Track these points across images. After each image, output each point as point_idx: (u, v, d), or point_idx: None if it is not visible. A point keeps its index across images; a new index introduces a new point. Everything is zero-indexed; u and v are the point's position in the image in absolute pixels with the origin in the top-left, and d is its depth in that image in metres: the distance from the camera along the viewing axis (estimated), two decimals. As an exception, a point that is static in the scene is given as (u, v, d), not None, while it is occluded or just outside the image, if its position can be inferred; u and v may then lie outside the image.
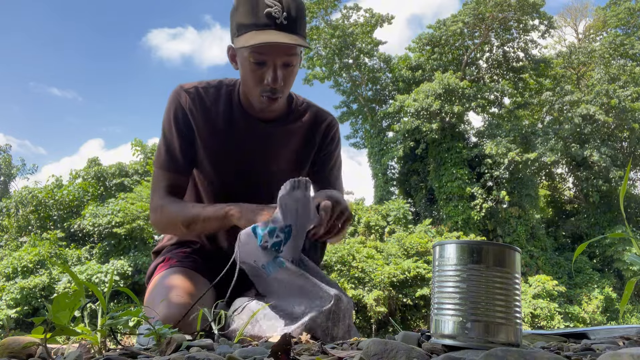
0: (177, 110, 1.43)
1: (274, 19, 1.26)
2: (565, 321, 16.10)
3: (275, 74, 1.31)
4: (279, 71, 1.31)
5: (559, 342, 0.90)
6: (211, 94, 1.46)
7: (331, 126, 1.57)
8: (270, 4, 1.26)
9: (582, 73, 22.26)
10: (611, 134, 19.94)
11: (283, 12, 1.27)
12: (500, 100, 21.57)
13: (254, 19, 1.27)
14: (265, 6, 1.26)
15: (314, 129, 1.54)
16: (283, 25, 1.27)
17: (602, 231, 19.11)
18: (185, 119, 1.43)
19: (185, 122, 1.43)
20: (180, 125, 1.43)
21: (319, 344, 0.80)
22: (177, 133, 1.43)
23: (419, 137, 19.42)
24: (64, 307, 0.76)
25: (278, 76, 1.31)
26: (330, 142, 1.57)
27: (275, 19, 1.26)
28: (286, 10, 1.27)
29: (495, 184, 19.34)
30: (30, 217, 16.70)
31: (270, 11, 1.26)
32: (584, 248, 0.97)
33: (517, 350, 0.58)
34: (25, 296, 13.39)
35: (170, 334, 0.86)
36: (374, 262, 14.88)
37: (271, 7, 1.26)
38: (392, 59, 22.28)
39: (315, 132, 1.54)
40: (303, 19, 1.33)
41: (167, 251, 1.60)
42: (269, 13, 1.26)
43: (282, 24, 1.27)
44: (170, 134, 1.43)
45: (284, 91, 1.37)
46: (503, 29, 20.63)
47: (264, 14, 1.26)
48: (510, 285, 0.77)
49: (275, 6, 1.26)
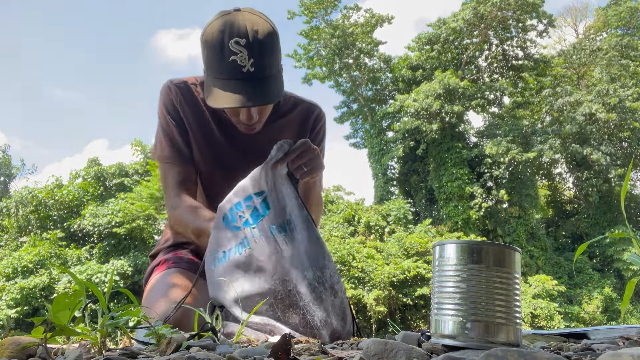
0: (169, 104, 1.43)
1: (240, 68, 1.20)
2: (565, 321, 16.09)
3: (249, 114, 1.31)
4: (253, 111, 1.31)
5: (559, 342, 0.90)
6: (199, 89, 1.45)
7: (319, 118, 1.57)
8: (235, 51, 1.19)
9: (583, 73, 22.26)
10: (611, 133, 19.94)
11: (250, 59, 1.20)
12: (500, 100, 21.57)
13: (220, 68, 1.22)
14: (230, 53, 1.20)
15: (303, 123, 1.54)
16: (249, 73, 1.21)
17: (602, 231, 19.10)
18: (177, 113, 1.43)
19: (178, 115, 1.43)
20: (175, 118, 1.43)
21: (319, 343, 0.80)
22: (174, 126, 1.43)
23: (419, 137, 19.42)
24: (64, 307, 0.76)
25: (252, 115, 1.31)
26: (316, 135, 1.57)
27: (241, 67, 1.20)
28: (252, 54, 1.20)
29: (495, 184, 19.34)
30: (30, 217, 16.70)
31: (235, 59, 1.20)
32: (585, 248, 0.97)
33: (517, 350, 0.58)
34: (25, 296, 13.38)
35: (170, 334, 0.86)
36: (374, 262, 14.88)
37: (236, 54, 1.19)
38: (392, 59, 22.28)
39: (305, 126, 1.54)
40: (273, 53, 1.26)
41: (164, 254, 1.60)
42: (234, 61, 1.20)
43: (249, 72, 1.21)
44: (169, 127, 1.43)
45: (260, 121, 1.37)
46: (502, 28, 20.63)
47: (229, 61, 1.20)
48: (510, 285, 0.77)
49: (240, 52, 1.20)
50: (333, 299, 1.14)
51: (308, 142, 1.26)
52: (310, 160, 1.27)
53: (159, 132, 1.46)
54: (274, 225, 1.16)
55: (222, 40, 1.20)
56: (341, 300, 1.16)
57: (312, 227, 1.20)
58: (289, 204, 1.20)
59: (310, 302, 1.10)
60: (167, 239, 1.62)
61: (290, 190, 1.22)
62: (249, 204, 1.17)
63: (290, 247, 1.14)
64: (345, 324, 1.14)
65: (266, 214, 1.16)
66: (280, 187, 1.21)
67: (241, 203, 1.18)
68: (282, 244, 1.14)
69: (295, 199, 1.21)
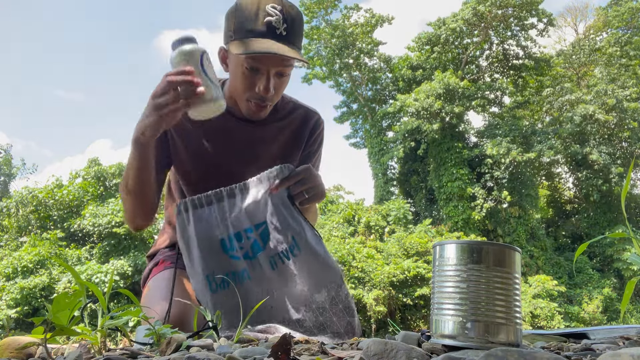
0: None
1: (274, 29, 1.23)
2: (565, 321, 16.09)
3: (268, 83, 1.29)
4: (272, 80, 1.30)
5: (559, 342, 0.90)
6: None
7: (317, 125, 1.56)
8: (271, 13, 1.23)
9: (582, 73, 22.26)
10: (611, 133, 19.95)
11: (283, 23, 1.24)
12: (500, 100, 21.58)
13: (253, 25, 1.24)
14: (266, 14, 1.23)
15: (301, 128, 1.53)
16: (282, 36, 1.24)
17: (602, 231, 19.10)
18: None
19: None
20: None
21: (319, 343, 0.80)
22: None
23: (419, 137, 19.41)
24: (64, 307, 0.76)
25: (270, 85, 1.30)
26: (313, 142, 1.56)
27: (275, 28, 1.23)
28: (286, 21, 1.25)
29: (496, 184, 19.34)
30: (30, 217, 16.70)
31: (270, 20, 1.23)
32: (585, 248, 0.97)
33: (517, 350, 0.58)
34: (25, 296, 13.38)
35: (170, 334, 0.86)
36: (374, 262, 14.88)
37: (272, 17, 1.23)
38: (392, 59, 22.29)
39: (302, 131, 1.53)
40: (301, 32, 1.31)
41: (161, 254, 1.59)
42: (269, 22, 1.23)
43: (281, 34, 1.24)
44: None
45: (273, 100, 1.36)
46: (503, 27, 20.63)
47: (263, 22, 1.23)
48: (510, 285, 0.77)
49: (276, 16, 1.24)
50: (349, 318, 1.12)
51: (310, 169, 1.27)
52: (311, 187, 1.27)
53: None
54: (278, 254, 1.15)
55: (258, 3, 1.24)
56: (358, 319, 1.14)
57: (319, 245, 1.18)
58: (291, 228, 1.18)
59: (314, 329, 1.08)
60: (165, 239, 1.62)
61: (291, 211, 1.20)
62: (250, 236, 1.16)
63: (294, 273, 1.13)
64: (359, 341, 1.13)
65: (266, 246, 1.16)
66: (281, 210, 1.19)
67: (241, 233, 1.16)
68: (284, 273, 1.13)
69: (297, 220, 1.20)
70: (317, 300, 1.12)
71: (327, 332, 1.10)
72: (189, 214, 1.21)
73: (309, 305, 1.11)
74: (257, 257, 1.14)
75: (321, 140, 1.59)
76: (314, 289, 1.13)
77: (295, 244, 1.17)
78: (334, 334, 1.11)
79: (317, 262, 1.16)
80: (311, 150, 1.56)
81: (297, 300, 1.12)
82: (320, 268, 1.15)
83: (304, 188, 1.25)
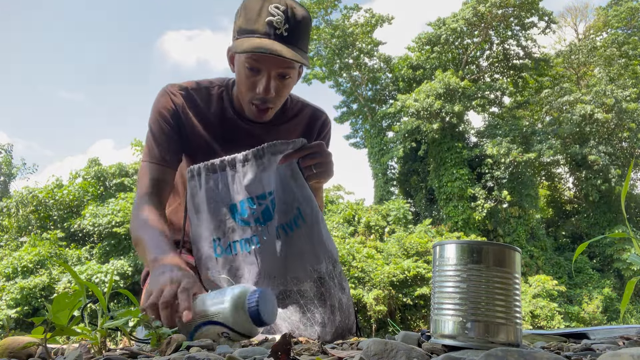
0: (167, 108, 1.41)
1: (275, 29, 1.23)
2: (565, 321, 16.09)
3: (268, 84, 1.29)
4: (273, 81, 1.29)
5: (559, 342, 0.90)
6: (202, 94, 1.44)
7: (325, 124, 1.57)
8: (273, 13, 1.23)
9: (582, 73, 22.26)
10: (611, 133, 19.95)
11: (285, 24, 1.24)
12: (501, 100, 21.58)
13: (255, 25, 1.25)
14: (268, 14, 1.23)
15: (309, 128, 1.54)
16: (283, 36, 1.23)
17: (602, 231, 19.09)
18: (175, 116, 1.41)
19: (176, 119, 1.41)
20: (168, 122, 1.41)
21: (319, 343, 0.80)
22: (165, 129, 1.41)
23: (419, 137, 19.41)
24: (64, 307, 0.76)
25: (271, 86, 1.29)
26: (322, 140, 1.56)
27: (275, 28, 1.23)
28: (289, 21, 1.24)
29: (496, 184, 19.34)
30: (30, 217, 16.70)
31: (272, 20, 1.23)
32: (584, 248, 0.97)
33: (517, 350, 0.58)
34: (25, 296, 13.38)
35: (170, 333, 0.86)
36: (374, 262, 14.88)
37: (273, 17, 1.23)
38: (392, 59, 22.29)
39: (311, 131, 1.54)
40: (306, 34, 1.30)
41: None
42: (270, 22, 1.23)
43: (282, 35, 1.23)
44: (159, 129, 1.41)
45: (275, 102, 1.35)
46: (503, 27, 20.63)
47: (265, 21, 1.23)
48: (510, 285, 0.77)
49: (278, 16, 1.23)
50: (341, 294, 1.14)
51: (323, 145, 1.27)
52: (321, 163, 1.27)
53: (148, 134, 1.44)
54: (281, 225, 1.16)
55: (262, 3, 1.25)
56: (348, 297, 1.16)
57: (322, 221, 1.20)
58: (297, 200, 1.20)
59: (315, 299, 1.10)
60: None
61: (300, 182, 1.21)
62: (262, 202, 1.17)
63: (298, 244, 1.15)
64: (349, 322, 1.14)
65: (274, 215, 1.17)
66: (289, 181, 1.21)
67: (253, 199, 1.17)
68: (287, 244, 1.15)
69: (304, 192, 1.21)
70: (318, 270, 1.13)
71: (327, 303, 1.11)
72: (201, 178, 1.23)
73: (311, 276, 1.13)
74: (267, 224, 1.16)
75: (328, 139, 1.60)
76: (315, 260, 1.14)
77: (300, 215, 1.19)
78: (332, 307, 1.12)
79: (319, 236, 1.18)
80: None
81: (299, 271, 1.13)
82: (321, 242, 1.17)
83: (313, 162, 1.26)
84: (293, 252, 1.15)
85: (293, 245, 1.15)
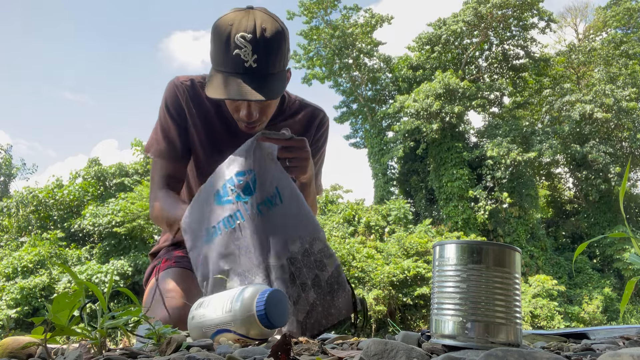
0: (173, 101, 1.43)
1: (242, 62, 1.20)
2: (565, 321, 16.09)
3: (249, 111, 1.29)
4: (254, 107, 1.29)
5: (559, 342, 0.90)
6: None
7: (323, 122, 1.58)
8: (240, 45, 1.20)
9: (582, 73, 22.26)
10: (611, 133, 19.95)
11: (253, 55, 1.20)
12: (500, 100, 21.58)
13: (224, 60, 1.22)
14: (235, 46, 1.20)
15: (307, 125, 1.54)
16: (252, 69, 1.20)
17: (602, 231, 19.09)
18: (180, 110, 1.43)
19: (181, 113, 1.43)
20: (177, 115, 1.43)
21: (319, 343, 0.80)
22: (174, 123, 1.43)
23: (419, 137, 19.41)
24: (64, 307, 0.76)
25: (252, 113, 1.30)
26: (319, 139, 1.58)
27: (243, 62, 1.20)
28: (256, 50, 1.20)
29: (496, 184, 19.33)
30: (30, 217, 16.70)
31: (239, 53, 1.20)
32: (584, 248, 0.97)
33: (517, 350, 0.58)
34: (25, 296, 13.38)
35: (170, 334, 0.86)
36: (374, 262, 14.88)
37: (240, 49, 1.20)
38: (392, 59, 22.29)
39: (309, 129, 1.54)
40: (279, 52, 1.25)
41: (164, 253, 1.60)
42: (237, 55, 1.20)
43: (251, 67, 1.20)
44: (168, 123, 1.43)
45: (262, 120, 1.35)
46: (503, 27, 20.63)
47: (232, 55, 1.20)
48: (510, 285, 0.77)
49: (244, 47, 1.20)
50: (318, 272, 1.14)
51: (304, 142, 1.27)
52: (296, 158, 1.27)
53: (157, 127, 1.46)
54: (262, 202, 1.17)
55: (228, 34, 1.21)
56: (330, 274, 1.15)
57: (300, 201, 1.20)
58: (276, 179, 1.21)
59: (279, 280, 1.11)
60: (168, 237, 1.63)
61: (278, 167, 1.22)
62: (241, 179, 1.18)
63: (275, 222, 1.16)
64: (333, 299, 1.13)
65: (254, 192, 1.18)
66: (269, 162, 1.22)
67: (233, 178, 1.19)
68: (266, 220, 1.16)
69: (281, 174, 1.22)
70: (291, 250, 1.14)
71: (296, 282, 1.12)
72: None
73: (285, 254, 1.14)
74: (248, 199, 1.17)
75: (326, 137, 1.61)
76: (289, 239, 1.15)
77: (277, 193, 1.19)
78: (302, 284, 1.13)
79: (296, 215, 1.19)
80: (316, 147, 1.58)
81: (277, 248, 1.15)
82: (298, 221, 1.18)
83: (289, 155, 1.25)
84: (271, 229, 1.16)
85: (271, 222, 1.17)
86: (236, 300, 0.95)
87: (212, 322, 0.98)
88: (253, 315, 0.92)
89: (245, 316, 0.92)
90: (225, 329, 0.95)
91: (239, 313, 0.93)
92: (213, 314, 0.98)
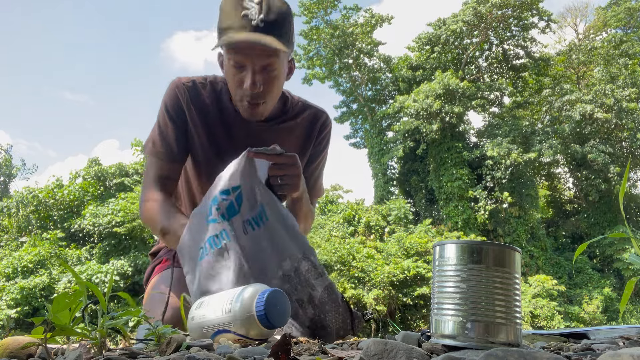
0: (174, 102, 1.43)
1: (250, 21, 1.25)
2: (565, 321, 16.09)
3: (253, 78, 1.29)
4: (258, 75, 1.30)
5: (559, 342, 0.90)
6: (208, 89, 1.45)
7: (325, 124, 1.57)
8: (247, 6, 1.26)
9: (582, 73, 22.26)
10: (611, 133, 19.95)
11: (259, 15, 1.25)
12: (500, 100, 21.57)
13: (231, 21, 1.26)
14: (242, 8, 1.26)
15: (310, 127, 1.54)
16: (259, 27, 1.25)
17: (602, 231, 19.09)
18: (180, 111, 1.43)
19: (181, 114, 1.43)
20: (176, 117, 1.43)
21: (319, 343, 0.80)
22: (173, 124, 1.42)
23: (418, 137, 19.41)
24: (64, 307, 0.76)
25: (256, 80, 1.29)
26: (321, 141, 1.57)
27: (250, 20, 1.25)
28: (263, 12, 1.26)
29: (496, 184, 19.33)
30: (30, 217, 16.69)
31: (246, 13, 1.25)
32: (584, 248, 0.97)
33: (517, 350, 0.58)
34: (25, 296, 13.38)
35: (170, 333, 0.86)
36: (374, 262, 14.88)
37: (248, 9, 1.26)
38: (392, 59, 22.29)
39: (311, 131, 1.54)
40: (284, 23, 1.30)
41: (164, 252, 1.60)
42: (245, 15, 1.25)
43: (258, 25, 1.25)
44: (166, 124, 1.43)
45: (265, 97, 1.34)
46: (503, 27, 20.63)
47: (240, 15, 1.25)
48: (510, 285, 0.77)
49: (252, 8, 1.26)
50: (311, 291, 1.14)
51: (295, 158, 1.27)
52: (288, 176, 1.27)
53: (155, 127, 1.45)
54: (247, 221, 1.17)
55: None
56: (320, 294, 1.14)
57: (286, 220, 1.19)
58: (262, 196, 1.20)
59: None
60: None
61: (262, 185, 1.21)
62: (225, 198, 1.17)
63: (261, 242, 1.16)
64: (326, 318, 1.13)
65: (240, 210, 1.17)
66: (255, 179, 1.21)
67: (217, 197, 1.18)
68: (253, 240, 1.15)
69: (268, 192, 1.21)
70: (284, 267, 1.14)
71: (292, 298, 1.12)
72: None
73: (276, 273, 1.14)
74: (231, 219, 1.16)
75: (328, 139, 1.60)
76: (280, 257, 1.15)
77: (263, 212, 1.18)
78: (300, 300, 1.13)
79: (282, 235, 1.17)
80: (318, 149, 1.57)
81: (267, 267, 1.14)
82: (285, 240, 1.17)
83: (280, 173, 1.25)
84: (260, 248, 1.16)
85: (257, 242, 1.16)
86: (236, 301, 0.95)
87: (212, 322, 0.98)
88: (253, 316, 0.92)
89: (245, 316, 0.92)
90: (225, 329, 0.95)
91: (239, 313, 0.93)
92: (213, 314, 0.98)
